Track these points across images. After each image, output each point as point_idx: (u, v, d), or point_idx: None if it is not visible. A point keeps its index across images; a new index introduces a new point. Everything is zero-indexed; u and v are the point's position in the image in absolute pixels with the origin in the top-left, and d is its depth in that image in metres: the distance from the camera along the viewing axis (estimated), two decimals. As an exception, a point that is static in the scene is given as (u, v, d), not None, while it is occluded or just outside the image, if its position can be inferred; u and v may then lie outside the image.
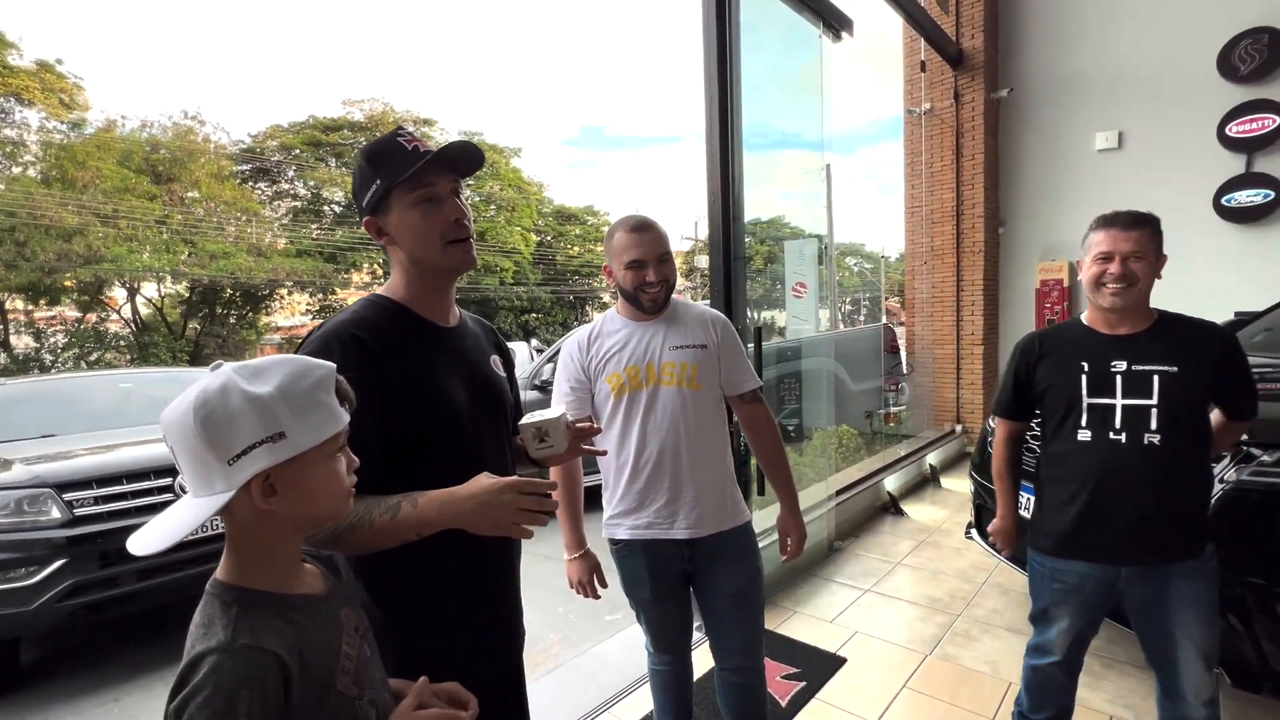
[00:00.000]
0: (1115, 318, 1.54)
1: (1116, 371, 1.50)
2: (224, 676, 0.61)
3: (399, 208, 1.00)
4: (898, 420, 6.51)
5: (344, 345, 0.93)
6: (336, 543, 0.85)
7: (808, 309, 4.71)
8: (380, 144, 1.00)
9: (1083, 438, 1.53)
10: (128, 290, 20.12)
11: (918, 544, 3.76)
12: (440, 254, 1.02)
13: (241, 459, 0.65)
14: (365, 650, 0.79)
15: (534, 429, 1.08)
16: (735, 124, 2.89)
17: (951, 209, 5.96)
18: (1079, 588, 1.57)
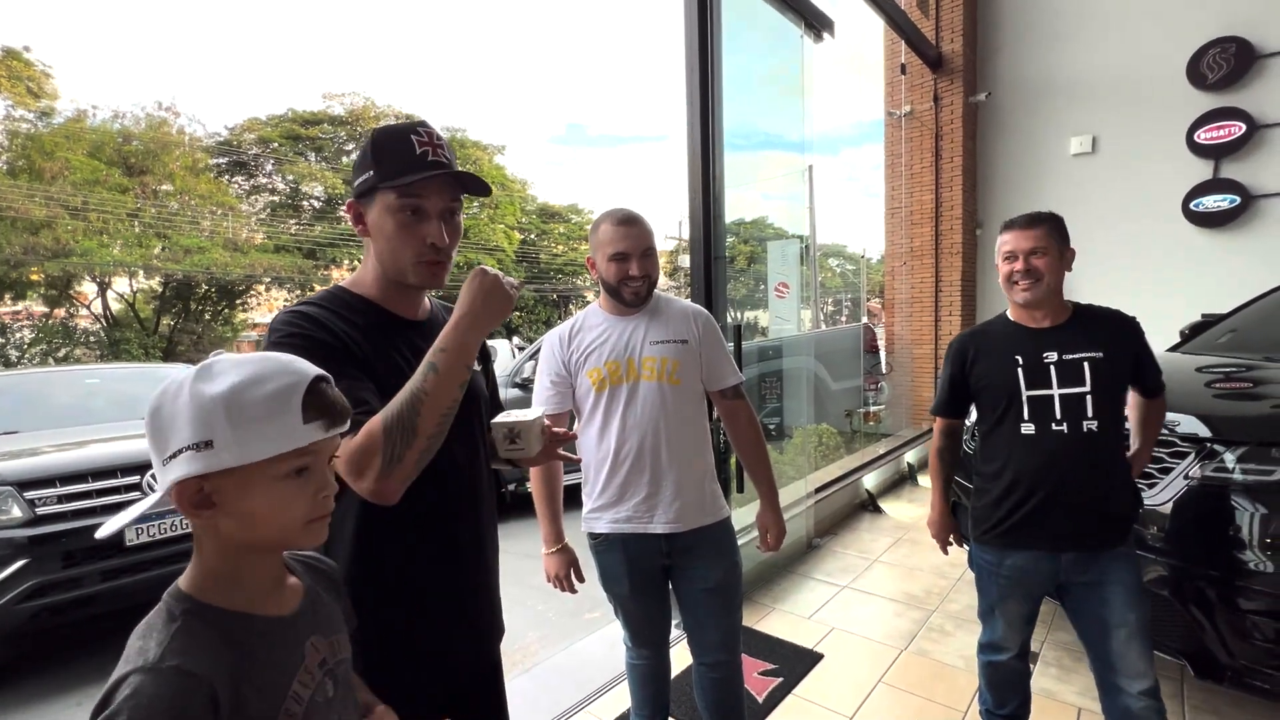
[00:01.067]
0: (1038, 312, 1.62)
1: (1049, 362, 1.57)
2: (142, 700, 0.55)
3: (381, 206, 0.95)
4: (877, 419, 6.58)
5: (304, 318, 0.91)
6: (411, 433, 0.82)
7: (790, 309, 4.74)
8: (391, 133, 0.95)
9: (1027, 431, 1.58)
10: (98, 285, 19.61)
11: (895, 541, 3.80)
12: (406, 269, 0.97)
13: (171, 461, 0.60)
14: (328, 689, 0.70)
15: (506, 429, 1.05)
16: (716, 123, 2.89)
17: (931, 210, 6.04)
18: (1023, 579, 1.62)
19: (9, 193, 16.80)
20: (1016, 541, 1.61)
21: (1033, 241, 1.57)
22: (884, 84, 6.29)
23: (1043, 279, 1.57)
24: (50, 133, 18.32)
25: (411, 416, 0.82)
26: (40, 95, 18.52)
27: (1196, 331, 3.22)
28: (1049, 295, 1.59)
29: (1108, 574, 1.53)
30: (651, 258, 1.54)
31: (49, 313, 19.06)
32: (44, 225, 16.81)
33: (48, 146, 17.68)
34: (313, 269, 21.66)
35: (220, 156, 22.45)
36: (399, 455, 0.81)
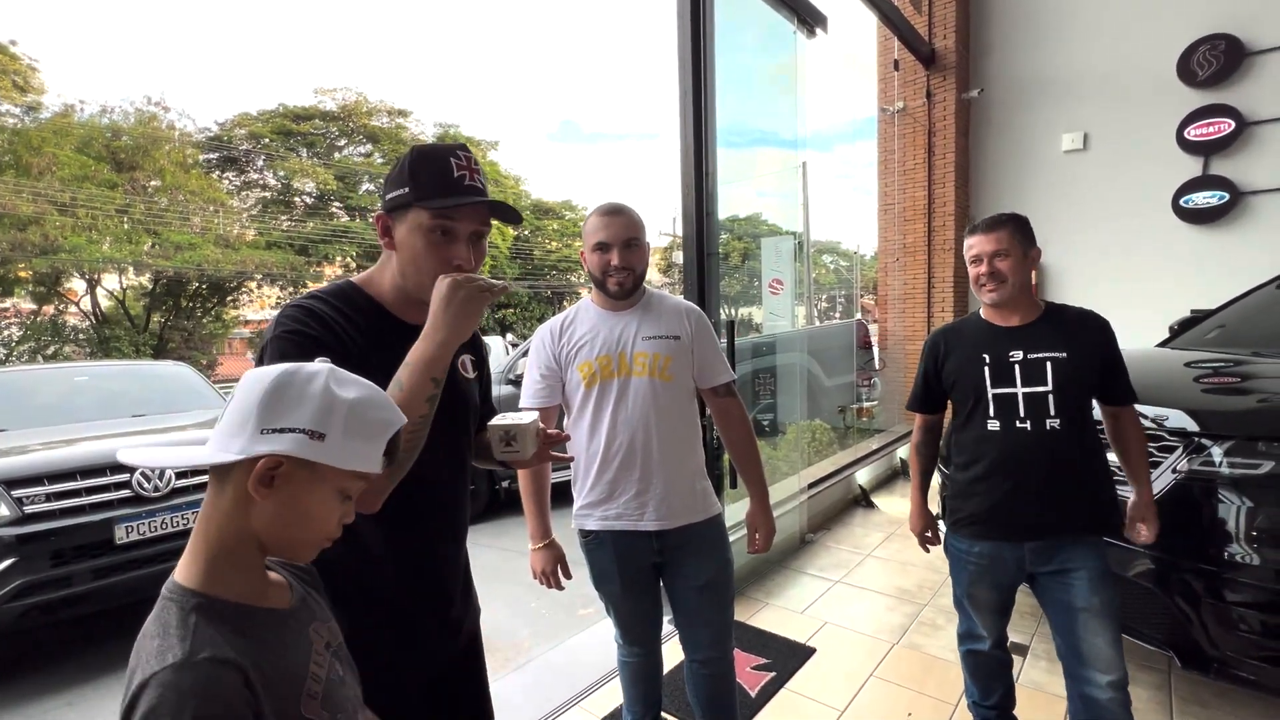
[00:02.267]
0: (1007, 310, 1.65)
1: (1014, 361, 1.61)
2: (184, 697, 0.54)
3: (411, 224, 0.96)
4: (870, 415, 6.61)
5: (308, 314, 0.92)
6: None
7: (784, 305, 4.75)
8: (431, 154, 0.96)
9: (992, 427, 1.63)
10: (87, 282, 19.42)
11: (888, 536, 3.82)
12: (428, 287, 0.96)
13: (274, 434, 0.63)
14: (337, 670, 0.74)
15: (502, 431, 1.06)
16: (709, 119, 2.89)
17: (923, 207, 6.05)
18: (990, 568, 1.66)
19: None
20: (982, 532, 1.66)
21: (995, 244, 1.60)
22: (877, 80, 6.30)
23: (1007, 280, 1.60)
24: (37, 128, 18.10)
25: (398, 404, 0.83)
26: (27, 90, 18.30)
27: (1185, 327, 3.25)
28: (1016, 295, 1.62)
29: (1072, 561, 1.57)
30: (636, 250, 1.53)
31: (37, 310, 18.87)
32: (32, 221, 16.62)
33: (35, 142, 17.48)
34: (305, 265, 21.52)
35: (211, 152, 22.25)
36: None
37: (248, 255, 20.00)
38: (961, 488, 1.70)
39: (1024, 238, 1.63)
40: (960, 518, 1.71)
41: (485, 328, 24.78)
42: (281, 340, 0.89)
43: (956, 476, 1.73)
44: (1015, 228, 1.63)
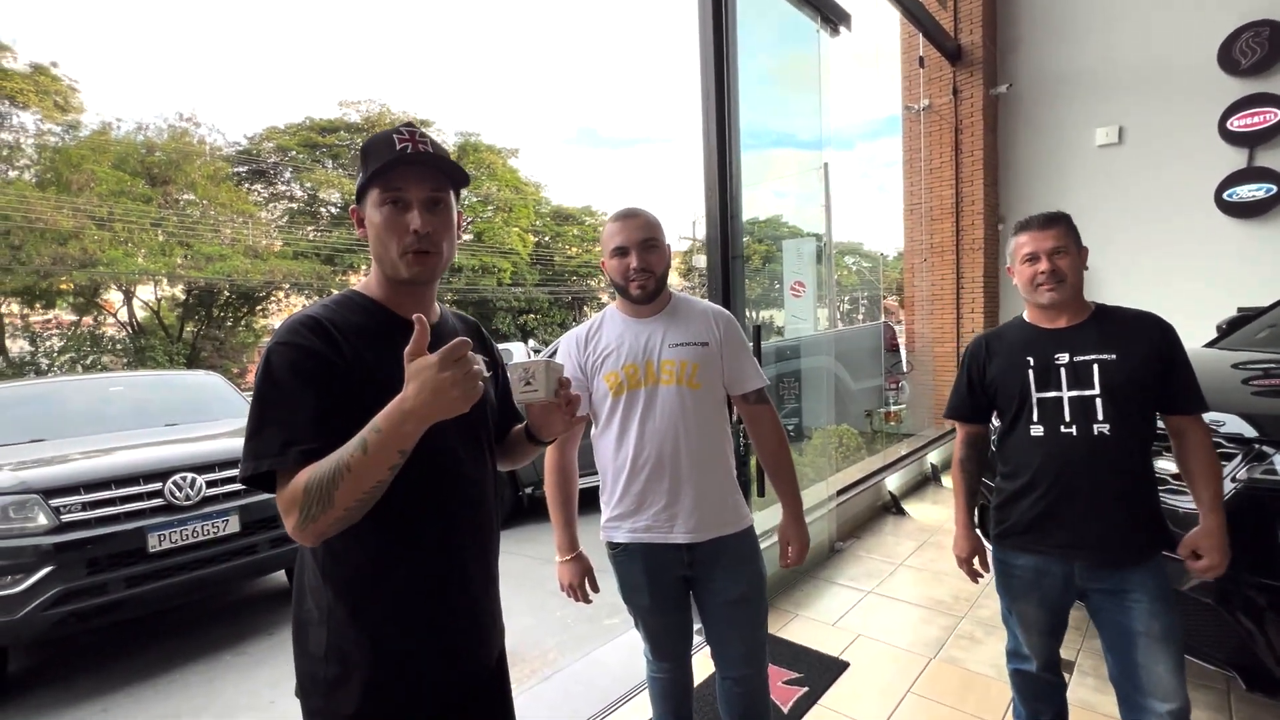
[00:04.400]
0: (1054, 312, 1.57)
1: (1060, 364, 1.52)
2: None
3: (370, 203, 0.98)
4: (898, 419, 6.47)
5: (309, 328, 0.91)
6: (327, 502, 0.81)
7: (806, 308, 4.67)
8: (377, 137, 0.98)
9: (1035, 433, 1.54)
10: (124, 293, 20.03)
11: (920, 544, 3.72)
12: (396, 261, 0.98)
13: None
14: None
15: (521, 369, 1.07)
16: (732, 119, 2.84)
17: (951, 206, 5.92)
18: (1036, 582, 1.57)
19: (38, 205, 17.21)
20: (1026, 545, 1.57)
21: (1053, 241, 1.52)
22: (901, 78, 6.19)
23: (1066, 279, 1.52)
24: (77, 145, 18.75)
25: (330, 488, 0.81)
26: (67, 109, 18.98)
27: (1234, 327, 3.10)
28: (1073, 295, 1.54)
29: (1129, 582, 1.46)
30: (655, 251, 1.48)
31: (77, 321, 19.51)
32: (72, 236, 17.20)
33: (74, 159, 18.11)
34: (330, 274, 21.94)
35: (240, 165, 22.83)
36: (314, 516, 0.82)
37: (275, 265, 20.45)
38: (1006, 497, 1.62)
39: (1076, 236, 1.56)
40: (1004, 529, 1.62)
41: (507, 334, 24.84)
42: (277, 350, 0.89)
43: (1001, 485, 1.65)
44: (1069, 225, 1.55)
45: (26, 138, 18.97)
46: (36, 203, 17.20)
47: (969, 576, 1.79)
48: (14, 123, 18.66)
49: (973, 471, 1.78)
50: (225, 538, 3.12)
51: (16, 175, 18.74)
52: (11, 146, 18.87)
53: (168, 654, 3.09)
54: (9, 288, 17.71)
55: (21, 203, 17.13)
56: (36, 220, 16.89)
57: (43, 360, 18.51)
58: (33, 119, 18.64)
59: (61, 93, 18.75)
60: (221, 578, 3.11)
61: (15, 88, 17.65)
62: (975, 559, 1.76)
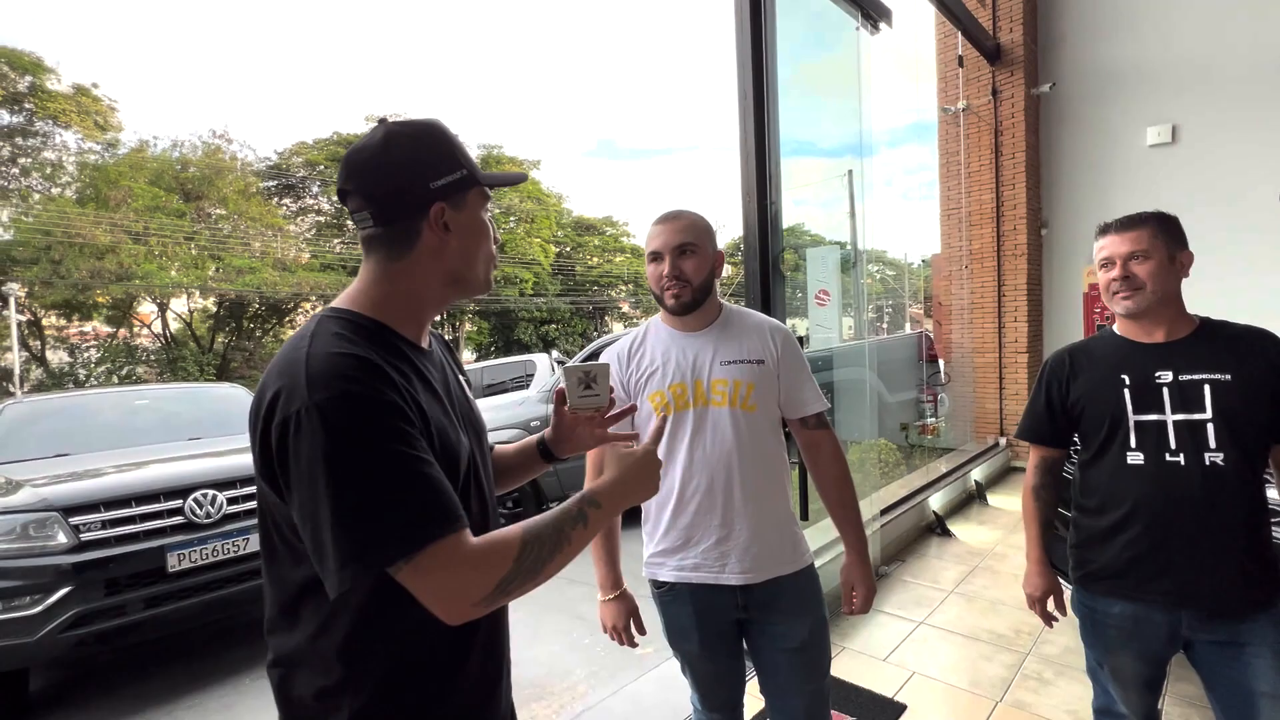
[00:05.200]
0: (1148, 324, 1.39)
1: (1162, 383, 1.34)
2: None
3: (473, 208, 0.86)
4: (935, 432, 6.21)
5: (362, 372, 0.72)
6: (533, 573, 0.76)
7: (831, 317, 4.52)
8: (448, 133, 0.86)
9: (1133, 460, 1.35)
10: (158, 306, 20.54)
11: (970, 570, 3.48)
12: (484, 272, 0.90)
13: None
14: None
15: (581, 373, 0.97)
16: (772, 121, 2.71)
17: (991, 210, 5.68)
18: (1134, 633, 1.37)
19: (78, 220, 17.76)
20: (1122, 590, 1.37)
21: (1131, 245, 1.36)
22: (937, 79, 5.99)
23: (1144, 287, 1.34)
24: (115, 163, 19.36)
25: (544, 559, 0.76)
26: (106, 128, 19.63)
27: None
28: (1156, 305, 1.35)
29: (1245, 633, 1.26)
30: (693, 255, 1.32)
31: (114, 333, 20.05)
32: (109, 250, 17.69)
33: (113, 176, 18.68)
34: (357, 286, 22.20)
35: (270, 180, 23.35)
36: (511, 589, 0.74)
37: (303, 277, 20.79)
38: (1093, 535, 1.42)
39: (1170, 239, 1.37)
40: (1091, 571, 1.42)
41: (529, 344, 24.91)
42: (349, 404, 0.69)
43: (1085, 522, 1.46)
44: (1159, 227, 1.36)
45: (68, 156, 19.69)
46: (76, 218, 17.75)
47: (1042, 619, 1.57)
48: (57, 142, 19.40)
49: (1048, 500, 1.58)
50: (245, 557, 3.03)
51: (59, 192, 19.40)
52: (55, 165, 19.56)
53: (188, 676, 3.00)
54: (49, 301, 18.29)
55: (62, 219, 17.69)
56: (76, 235, 17.42)
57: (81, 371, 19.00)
58: (74, 138, 19.35)
59: (101, 112, 19.39)
60: (242, 598, 3.01)
61: (59, 108, 18.30)
62: (1051, 600, 1.55)
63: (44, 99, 18.02)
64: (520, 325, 24.95)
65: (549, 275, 25.69)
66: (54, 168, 19.51)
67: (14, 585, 2.58)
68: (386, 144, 0.81)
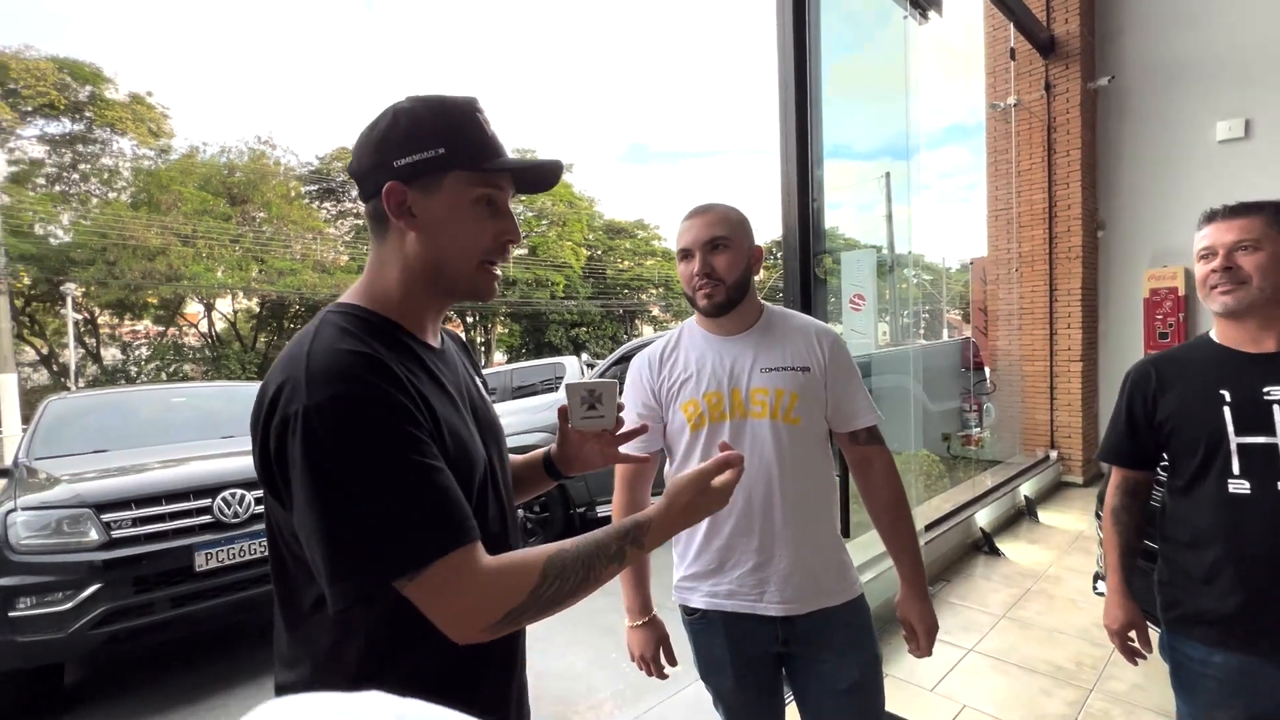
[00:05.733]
0: (1255, 329, 1.20)
1: (1272, 400, 1.15)
2: None
3: (452, 194, 0.74)
4: (979, 444, 5.93)
5: (369, 371, 0.66)
6: (561, 598, 0.69)
7: (866, 322, 4.35)
8: (456, 108, 0.75)
9: (1236, 489, 1.17)
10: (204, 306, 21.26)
11: (1022, 593, 3.26)
12: (471, 270, 0.78)
13: None
14: None
15: (585, 391, 0.91)
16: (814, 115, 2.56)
17: (1043, 211, 5.40)
18: (1240, 687, 1.18)
19: (131, 224, 18.48)
20: (1226, 640, 1.19)
21: (1237, 234, 1.20)
22: (985, 74, 5.73)
23: (1249, 282, 1.17)
24: (167, 168, 20.10)
25: (568, 592, 0.69)
26: (159, 135, 20.40)
27: None
28: (1264, 306, 1.18)
29: None
30: (725, 250, 1.20)
31: (163, 332, 20.81)
32: (159, 252, 18.37)
33: (164, 180, 19.40)
34: (393, 288, 22.64)
35: (311, 184, 23.97)
36: (521, 620, 0.67)
37: (341, 279, 21.25)
38: (1188, 573, 1.24)
39: None
40: (1185, 615, 1.25)
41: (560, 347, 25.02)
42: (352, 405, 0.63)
43: (1177, 557, 1.28)
44: (1276, 216, 1.18)
45: (124, 162, 20.53)
46: (130, 222, 18.49)
47: (1124, 655, 1.40)
48: (114, 149, 20.25)
49: (1130, 525, 1.40)
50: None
51: (114, 197, 20.25)
52: (111, 170, 20.44)
53: (213, 676, 2.99)
54: (104, 300, 19.08)
55: (117, 222, 18.45)
56: (129, 238, 18.14)
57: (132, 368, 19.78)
58: (130, 144, 20.17)
59: (155, 120, 20.17)
60: (268, 599, 2.98)
61: (116, 116, 19.10)
62: (1134, 633, 1.37)
63: (102, 108, 18.83)
64: (551, 328, 25.06)
65: (580, 278, 25.75)
66: (110, 173, 20.38)
67: (47, 581, 2.60)
68: (377, 120, 0.75)
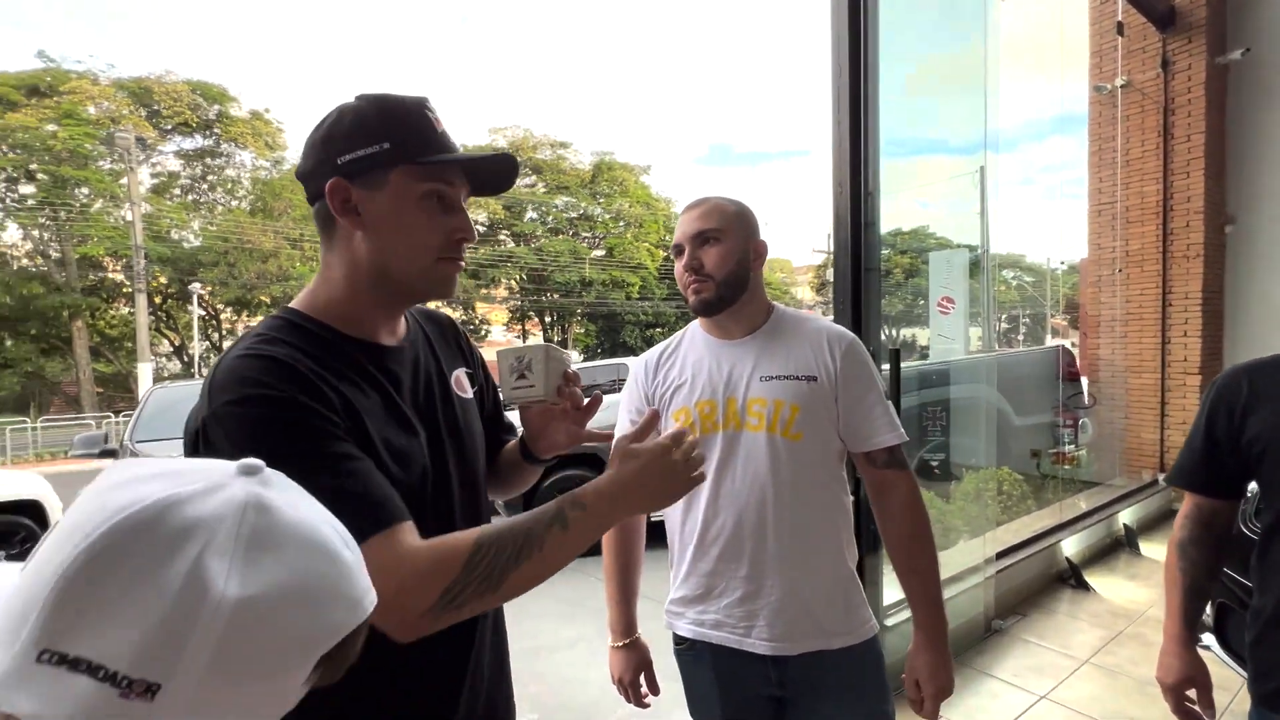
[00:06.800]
0: None
1: None
2: None
3: (397, 190, 0.71)
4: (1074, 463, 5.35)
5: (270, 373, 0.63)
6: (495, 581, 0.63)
7: (955, 326, 4.02)
8: (403, 105, 0.73)
9: None
10: (308, 304, 23.05)
11: (1113, 636, 2.87)
12: (427, 268, 0.75)
13: (56, 667, 0.33)
14: None
15: (513, 359, 0.83)
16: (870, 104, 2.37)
17: (1156, 204, 4.80)
18: None
19: (249, 229, 20.37)
20: None
21: None
22: (1089, 54, 5.17)
23: None
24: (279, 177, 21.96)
25: (507, 566, 0.63)
26: (274, 147, 22.37)
27: None
28: None
29: None
30: (715, 244, 1.09)
31: (274, 328, 22.84)
32: (271, 254, 20.14)
33: (277, 189, 21.23)
34: (475, 288, 23.65)
35: (404, 190, 25.43)
36: (462, 600, 0.62)
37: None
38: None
39: None
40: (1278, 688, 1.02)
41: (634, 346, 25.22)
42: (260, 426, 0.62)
43: (1270, 611, 1.05)
44: None
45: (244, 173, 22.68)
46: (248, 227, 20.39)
47: (1180, 717, 1.17)
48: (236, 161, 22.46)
49: (1199, 562, 1.17)
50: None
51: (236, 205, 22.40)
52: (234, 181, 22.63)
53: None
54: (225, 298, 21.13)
55: (237, 228, 20.39)
56: (247, 242, 20.01)
57: (247, 360, 21.83)
58: (249, 157, 22.28)
59: (271, 133, 22.14)
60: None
61: (238, 131, 21.14)
62: (1193, 691, 1.14)
63: (228, 124, 20.88)
64: (626, 328, 25.26)
65: (655, 279, 25.80)
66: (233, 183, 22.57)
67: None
68: (324, 118, 0.73)
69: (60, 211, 17.60)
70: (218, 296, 21.26)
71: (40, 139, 16.99)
